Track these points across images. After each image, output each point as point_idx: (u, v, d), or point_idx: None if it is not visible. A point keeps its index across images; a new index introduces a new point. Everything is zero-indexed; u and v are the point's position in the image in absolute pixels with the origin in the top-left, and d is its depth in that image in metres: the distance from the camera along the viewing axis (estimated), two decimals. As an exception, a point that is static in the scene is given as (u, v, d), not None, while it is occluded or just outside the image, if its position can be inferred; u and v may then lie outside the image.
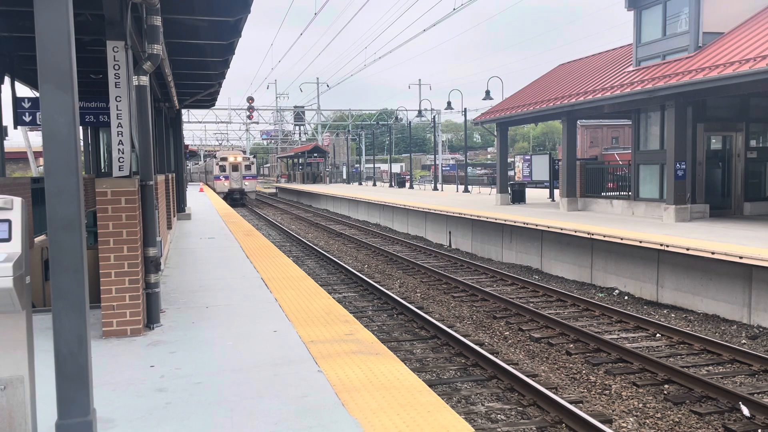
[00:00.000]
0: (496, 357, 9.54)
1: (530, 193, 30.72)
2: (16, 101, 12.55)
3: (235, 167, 48.86)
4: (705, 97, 16.99)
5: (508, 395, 8.19)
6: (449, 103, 44.12)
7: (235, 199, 48.16)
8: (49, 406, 3.52)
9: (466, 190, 39.69)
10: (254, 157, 54.18)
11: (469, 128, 59.55)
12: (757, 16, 17.24)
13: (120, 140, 6.64)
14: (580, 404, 7.91)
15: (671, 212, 16.86)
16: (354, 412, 4.36)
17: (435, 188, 44.96)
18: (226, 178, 48.64)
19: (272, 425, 4.19)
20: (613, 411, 7.79)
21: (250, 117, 60.91)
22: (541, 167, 35.07)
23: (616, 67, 21.08)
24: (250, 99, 57.99)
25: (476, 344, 10.16)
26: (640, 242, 13.45)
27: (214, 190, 49.50)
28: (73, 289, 3.32)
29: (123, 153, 6.68)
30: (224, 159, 49.12)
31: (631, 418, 7.57)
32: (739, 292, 11.69)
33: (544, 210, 22.24)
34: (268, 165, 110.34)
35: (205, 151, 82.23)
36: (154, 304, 6.81)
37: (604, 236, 14.57)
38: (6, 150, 12.00)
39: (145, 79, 6.96)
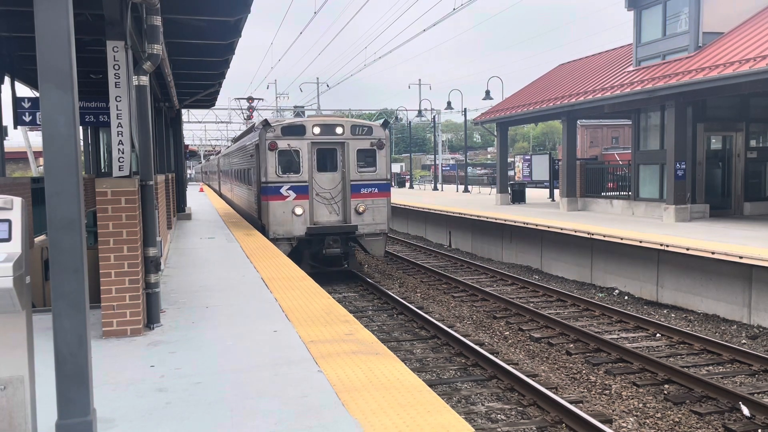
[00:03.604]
0: (496, 357, 9.54)
1: (530, 193, 30.72)
2: (16, 101, 12.54)
3: (322, 158, 15.64)
4: (705, 97, 16.99)
5: (508, 395, 8.19)
6: (449, 103, 44.12)
7: (331, 259, 15.77)
8: (49, 406, 3.52)
9: (466, 190, 39.71)
10: (386, 128, 16.09)
11: (469, 128, 59.56)
12: (757, 16, 17.23)
13: (120, 140, 6.64)
14: (580, 404, 7.90)
15: (671, 212, 16.86)
16: (354, 412, 4.36)
17: (435, 188, 44.97)
18: (302, 192, 15.28)
19: (272, 425, 4.19)
20: (613, 411, 7.79)
21: (250, 117, 60.84)
22: (541, 167, 35.10)
23: (616, 67, 21.08)
24: (250, 99, 57.87)
25: (476, 344, 10.15)
26: (640, 242, 13.45)
27: (261, 226, 15.95)
28: (73, 289, 3.32)
29: (123, 153, 6.68)
30: (295, 131, 15.30)
31: (631, 418, 7.57)
32: (739, 292, 11.69)
33: (544, 210, 22.23)
34: None
35: (205, 150, 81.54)
36: (154, 304, 6.81)
37: (604, 236, 14.57)
38: (6, 150, 12.00)
39: (145, 79, 6.96)
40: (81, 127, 13.51)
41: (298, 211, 15.01)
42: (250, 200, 18.57)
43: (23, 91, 13.54)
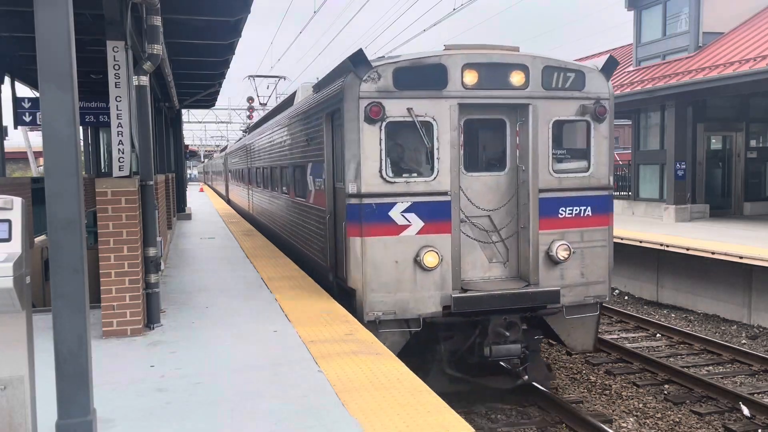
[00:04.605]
0: (496, 357, 9.51)
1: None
2: (16, 101, 12.56)
3: (478, 141, 7.92)
4: (705, 97, 16.99)
5: (508, 395, 8.19)
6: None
7: (496, 362, 7.62)
8: (49, 406, 3.52)
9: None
10: (610, 75, 7.81)
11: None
12: (757, 16, 17.24)
13: (120, 140, 6.64)
14: (580, 404, 7.90)
15: (671, 212, 16.86)
16: (354, 412, 4.36)
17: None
18: (436, 215, 7.29)
19: (272, 425, 4.19)
20: (613, 411, 7.79)
21: (250, 117, 60.73)
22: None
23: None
24: (250, 99, 57.82)
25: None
26: (640, 242, 13.46)
27: (341, 286, 7.99)
28: (73, 289, 3.32)
29: (123, 153, 6.68)
30: (424, 77, 7.22)
31: (631, 418, 7.57)
32: (739, 292, 11.69)
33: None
34: None
35: (205, 150, 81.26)
36: (154, 304, 6.81)
37: (604, 236, 14.56)
38: (6, 150, 12.01)
39: (145, 79, 6.96)
40: (81, 127, 13.53)
41: (429, 259, 7.18)
42: (305, 227, 10.21)
43: (23, 91, 13.56)
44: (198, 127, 64.64)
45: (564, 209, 7.65)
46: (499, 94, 7.40)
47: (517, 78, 7.40)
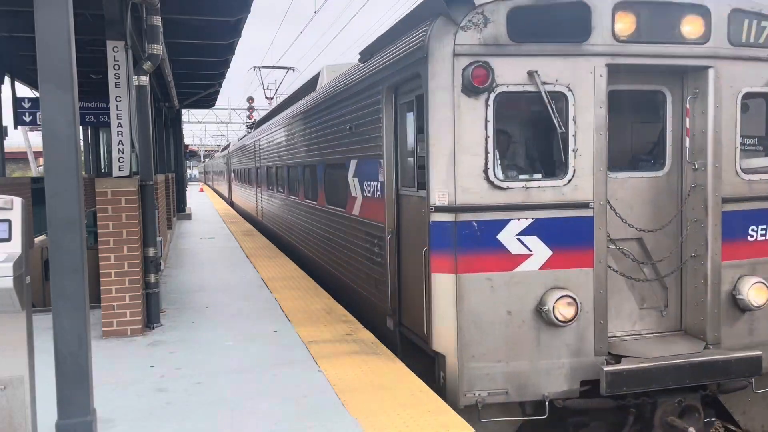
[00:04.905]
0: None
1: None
2: (16, 101, 12.57)
3: (629, 125, 5.58)
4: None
5: (508, 395, 8.16)
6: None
7: None
8: (49, 406, 3.53)
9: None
10: None
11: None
12: (757, 16, 17.21)
13: (120, 140, 6.65)
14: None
15: (671, 212, 16.83)
16: (354, 412, 4.36)
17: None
18: (570, 240, 4.91)
19: (272, 425, 4.19)
20: (613, 411, 7.78)
21: (250, 117, 60.69)
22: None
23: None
24: (250, 99, 57.82)
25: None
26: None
27: (407, 338, 5.79)
28: (73, 289, 3.32)
29: (123, 153, 6.69)
30: (556, 24, 4.79)
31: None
32: (739, 292, 11.65)
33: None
34: None
35: (205, 150, 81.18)
36: (154, 304, 6.82)
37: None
38: (6, 150, 12.02)
39: (145, 79, 6.97)
40: (81, 127, 13.53)
41: (563, 310, 4.83)
42: (344, 246, 7.96)
43: (23, 91, 13.57)
44: (198, 127, 64.50)
45: (755, 228, 5.34)
46: (662, 50, 5.00)
47: (692, 26, 5.02)
